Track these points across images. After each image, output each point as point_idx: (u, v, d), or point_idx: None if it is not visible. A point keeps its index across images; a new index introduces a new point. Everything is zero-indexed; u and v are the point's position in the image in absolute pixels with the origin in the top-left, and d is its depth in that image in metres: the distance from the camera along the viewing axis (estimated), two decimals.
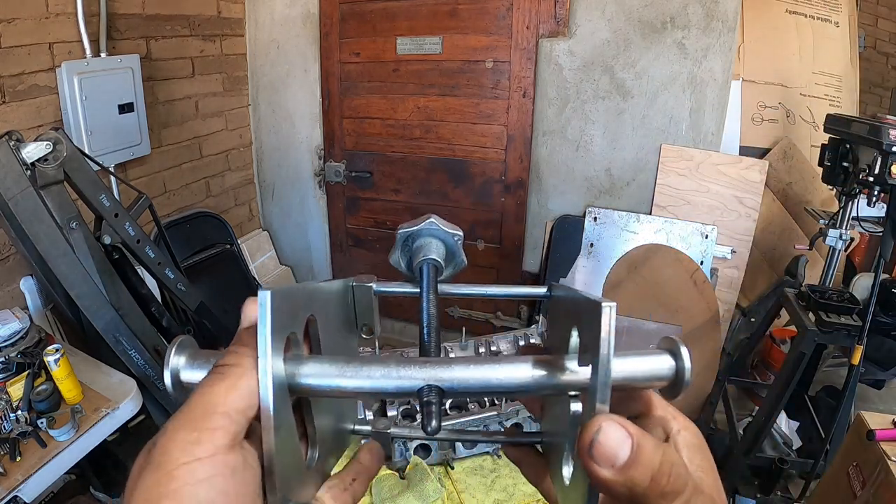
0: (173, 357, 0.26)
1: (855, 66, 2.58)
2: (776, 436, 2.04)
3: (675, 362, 0.26)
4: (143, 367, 1.52)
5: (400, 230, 0.39)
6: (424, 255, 0.37)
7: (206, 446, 0.21)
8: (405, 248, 0.39)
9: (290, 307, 0.25)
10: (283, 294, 0.24)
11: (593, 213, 2.32)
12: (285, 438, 0.24)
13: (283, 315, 0.24)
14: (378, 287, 0.38)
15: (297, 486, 0.27)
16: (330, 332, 0.32)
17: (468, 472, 1.17)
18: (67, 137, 1.36)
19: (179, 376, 0.26)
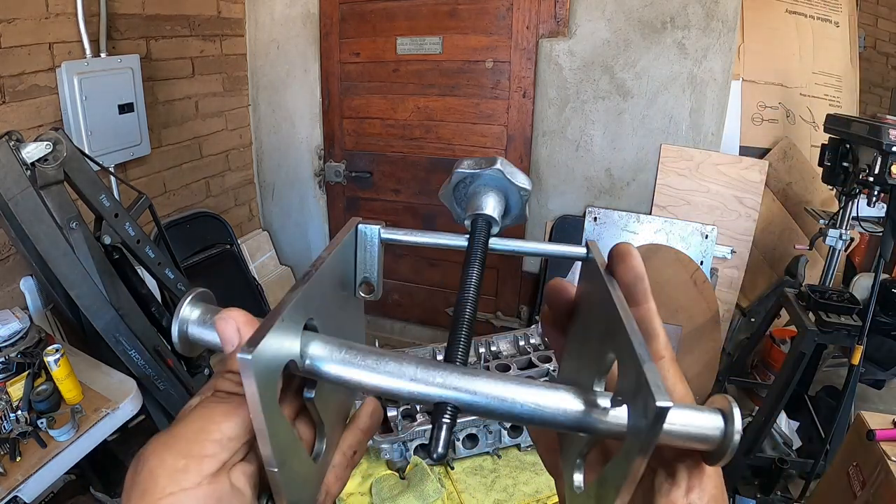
0: (185, 308, 0.25)
1: (855, 66, 2.58)
2: (776, 436, 2.04)
3: (726, 426, 0.22)
4: (143, 367, 1.52)
5: (458, 169, 0.32)
6: (478, 208, 0.31)
7: (193, 476, 0.21)
8: (460, 188, 0.32)
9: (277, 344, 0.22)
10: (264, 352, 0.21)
11: (593, 213, 2.32)
12: (286, 453, 0.23)
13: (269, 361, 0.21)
14: (386, 233, 0.32)
15: (305, 488, 0.26)
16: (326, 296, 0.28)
17: (468, 472, 1.17)
18: (67, 137, 1.36)
19: (187, 331, 0.25)
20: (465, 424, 1.15)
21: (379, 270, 0.33)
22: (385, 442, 1.09)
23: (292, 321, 0.24)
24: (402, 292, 2.87)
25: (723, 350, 2.24)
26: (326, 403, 0.28)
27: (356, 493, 1.11)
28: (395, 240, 0.32)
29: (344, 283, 0.32)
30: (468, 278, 0.29)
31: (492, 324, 2.68)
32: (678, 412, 0.22)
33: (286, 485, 0.23)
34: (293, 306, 0.23)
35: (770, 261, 2.48)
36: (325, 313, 0.28)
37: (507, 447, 1.22)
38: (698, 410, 0.23)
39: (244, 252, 2.67)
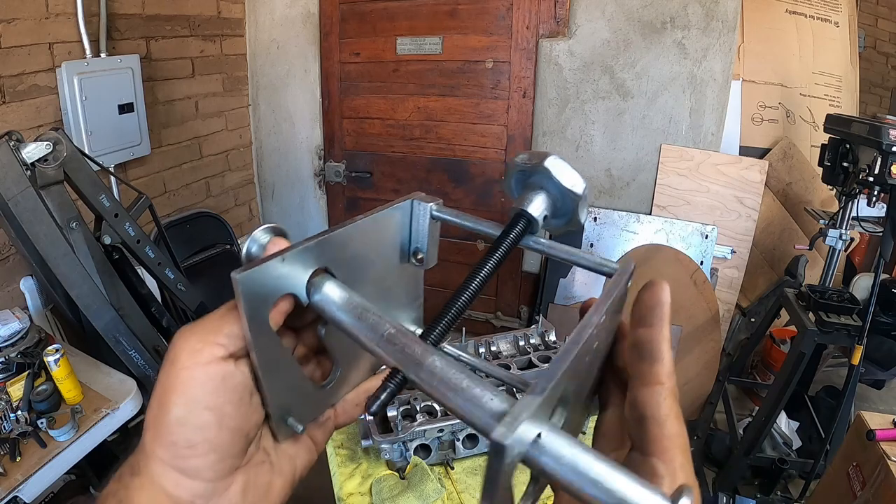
0: (259, 232, 0.30)
1: (855, 66, 2.58)
2: (776, 436, 2.04)
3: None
4: (143, 367, 1.52)
5: (515, 158, 0.32)
6: (523, 204, 0.31)
7: (206, 356, 0.27)
8: (519, 179, 0.32)
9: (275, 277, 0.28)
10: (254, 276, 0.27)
11: (593, 213, 2.32)
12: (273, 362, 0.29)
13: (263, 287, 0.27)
14: (437, 211, 0.34)
15: (297, 400, 0.32)
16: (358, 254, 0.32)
17: (468, 472, 1.17)
18: (67, 137, 1.36)
19: (252, 251, 0.30)
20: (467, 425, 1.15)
21: (429, 243, 0.35)
22: (385, 442, 1.09)
23: (297, 262, 0.29)
24: None
25: (723, 350, 2.24)
26: (346, 346, 0.32)
27: (356, 493, 1.11)
28: (443, 218, 0.35)
29: (393, 250, 0.35)
30: (479, 268, 0.30)
31: (492, 324, 2.68)
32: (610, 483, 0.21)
33: (269, 387, 0.29)
34: (299, 252, 0.29)
35: (770, 261, 2.48)
36: (355, 268, 0.32)
37: None
38: (644, 487, 0.20)
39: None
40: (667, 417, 0.25)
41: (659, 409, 0.25)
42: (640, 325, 0.28)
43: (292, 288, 0.29)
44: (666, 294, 0.28)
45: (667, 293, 0.28)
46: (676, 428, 0.25)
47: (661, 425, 0.25)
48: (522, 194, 0.31)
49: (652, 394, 0.26)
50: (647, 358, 0.27)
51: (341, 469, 1.16)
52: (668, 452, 0.25)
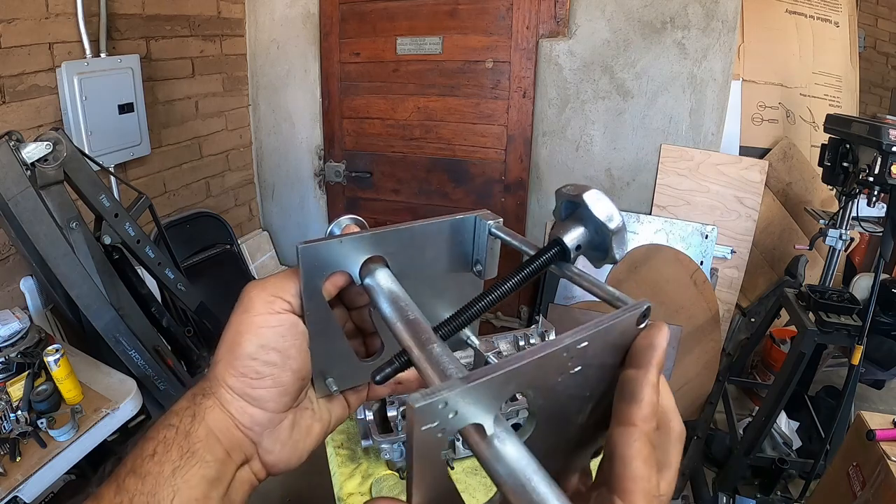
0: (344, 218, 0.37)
1: (855, 66, 2.58)
2: (776, 436, 2.04)
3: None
4: (143, 367, 1.52)
5: (562, 189, 0.34)
6: (560, 232, 0.33)
7: (276, 306, 0.33)
8: (567, 207, 0.34)
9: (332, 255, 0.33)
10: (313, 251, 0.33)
11: None
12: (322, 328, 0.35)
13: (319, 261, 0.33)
14: (495, 229, 0.38)
15: (343, 370, 0.37)
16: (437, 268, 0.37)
17: (468, 472, 1.17)
18: (67, 137, 1.36)
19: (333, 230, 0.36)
20: None
21: (488, 256, 0.39)
22: (385, 442, 1.09)
23: (352, 246, 0.34)
24: None
25: (723, 350, 2.24)
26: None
27: (356, 493, 1.11)
28: (499, 236, 0.38)
29: (453, 257, 0.39)
30: (504, 282, 0.33)
31: (492, 324, 2.68)
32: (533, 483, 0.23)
33: (313, 346, 0.35)
34: (355, 238, 0.34)
35: (770, 261, 2.48)
36: (412, 265, 0.36)
37: None
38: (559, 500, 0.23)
39: (244, 252, 2.67)
40: (633, 459, 0.25)
41: (628, 448, 0.25)
42: (629, 365, 0.28)
43: (346, 267, 0.34)
44: (661, 338, 0.28)
45: (662, 337, 0.28)
46: (643, 471, 0.25)
47: (626, 465, 0.25)
48: (565, 223, 0.33)
49: (623, 433, 0.26)
50: (627, 397, 0.27)
51: (341, 469, 1.16)
52: (630, 494, 0.25)
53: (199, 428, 0.33)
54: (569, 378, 0.27)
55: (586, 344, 0.26)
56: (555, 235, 0.33)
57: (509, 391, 0.24)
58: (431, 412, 0.22)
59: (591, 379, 0.28)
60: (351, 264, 0.34)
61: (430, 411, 0.22)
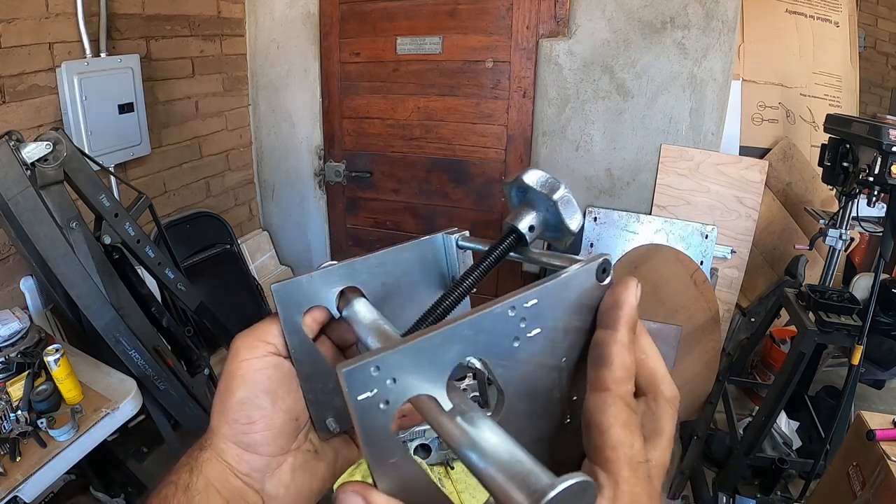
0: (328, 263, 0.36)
1: (855, 66, 2.58)
2: (776, 436, 2.04)
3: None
4: (143, 367, 1.52)
5: (504, 182, 0.37)
6: (512, 218, 0.32)
7: (260, 351, 0.34)
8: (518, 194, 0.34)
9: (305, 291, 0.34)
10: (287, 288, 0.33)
11: (593, 213, 2.32)
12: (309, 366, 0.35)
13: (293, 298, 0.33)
14: (462, 241, 0.38)
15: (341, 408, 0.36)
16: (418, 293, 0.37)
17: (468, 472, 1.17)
18: (67, 137, 1.36)
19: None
20: None
21: (461, 269, 0.38)
22: None
23: (324, 280, 0.34)
24: None
25: (723, 350, 2.24)
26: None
27: None
28: (468, 247, 0.38)
29: (430, 279, 0.39)
30: (464, 277, 0.32)
31: None
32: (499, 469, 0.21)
33: (304, 385, 0.35)
34: (323, 272, 0.34)
35: (770, 261, 2.48)
36: (390, 292, 0.36)
37: None
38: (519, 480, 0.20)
39: (244, 252, 2.67)
40: (610, 426, 0.24)
41: (602, 415, 0.24)
42: (598, 325, 0.27)
43: (322, 301, 0.34)
44: (628, 294, 0.27)
45: (629, 293, 0.27)
46: (622, 437, 0.24)
47: (604, 433, 0.24)
48: (515, 210, 0.33)
49: (597, 400, 0.25)
50: (597, 361, 0.26)
51: None
52: (611, 463, 0.23)
53: (198, 481, 0.33)
54: (529, 343, 0.25)
55: (535, 301, 0.25)
56: (508, 223, 0.32)
57: (452, 356, 0.23)
58: (364, 379, 0.21)
59: (561, 345, 0.27)
60: (326, 298, 0.34)
61: (362, 378, 0.21)
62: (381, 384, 0.22)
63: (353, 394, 0.21)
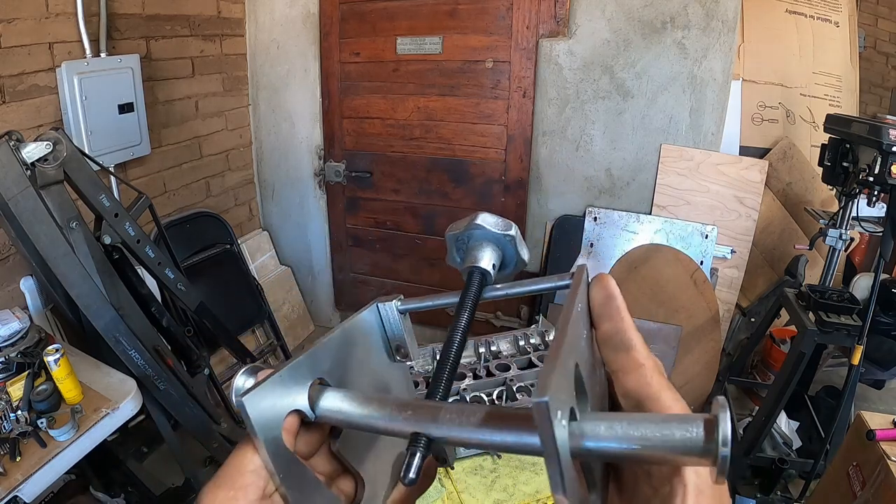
0: (242, 377, 0.29)
1: (855, 66, 2.58)
2: (776, 436, 2.04)
3: (706, 434, 0.20)
4: (143, 367, 1.52)
5: (448, 233, 0.36)
6: (472, 261, 0.34)
7: (241, 503, 0.26)
8: (458, 247, 0.36)
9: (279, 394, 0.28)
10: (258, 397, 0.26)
11: (593, 213, 2.32)
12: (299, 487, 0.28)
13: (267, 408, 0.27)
14: (403, 305, 0.36)
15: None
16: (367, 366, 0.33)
17: (468, 472, 1.17)
18: (67, 137, 1.36)
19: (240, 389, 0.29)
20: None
21: (409, 337, 0.37)
22: None
23: (293, 377, 0.28)
24: (401, 292, 2.85)
25: (723, 350, 2.24)
26: (366, 455, 0.32)
27: None
28: (410, 309, 0.36)
29: (377, 352, 0.36)
30: (457, 324, 0.32)
31: (492, 324, 2.68)
32: (652, 426, 0.21)
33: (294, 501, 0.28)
34: (292, 366, 0.28)
35: (770, 261, 2.48)
36: (348, 375, 0.32)
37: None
38: (677, 421, 0.21)
39: (244, 252, 2.67)
40: (659, 392, 0.25)
41: (650, 387, 0.26)
42: (601, 321, 0.28)
43: (297, 404, 0.29)
44: (612, 285, 0.28)
45: (613, 284, 0.28)
46: (671, 399, 0.25)
47: (658, 401, 0.25)
48: (468, 256, 0.34)
49: (638, 377, 0.26)
50: (621, 348, 0.27)
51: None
52: None
53: None
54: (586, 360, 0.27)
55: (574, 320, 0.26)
56: (468, 266, 0.34)
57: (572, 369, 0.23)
58: (557, 400, 0.20)
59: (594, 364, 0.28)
60: (298, 399, 0.29)
61: (556, 399, 0.20)
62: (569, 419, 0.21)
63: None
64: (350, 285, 2.98)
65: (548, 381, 0.20)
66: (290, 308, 2.93)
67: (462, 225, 0.35)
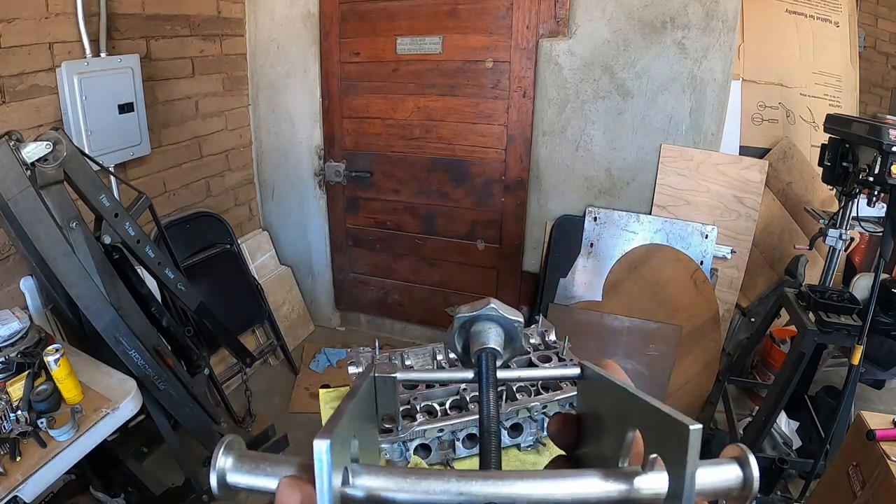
0: (220, 458, 0.26)
1: (855, 66, 2.58)
2: (776, 436, 2.04)
3: (744, 473, 0.25)
4: (143, 367, 1.52)
5: (459, 315, 0.37)
6: (483, 343, 0.35)
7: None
8: (462, 331, 0.38)
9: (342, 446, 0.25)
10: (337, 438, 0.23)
11: (593, 213, 2.32)
12: None
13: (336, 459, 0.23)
14: (402, 376, 0.36)
15: None
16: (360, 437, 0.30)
17: None
18: (67, 137, 1.36)
19: (226, 478, 0.26)
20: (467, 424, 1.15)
21: (397, 407, 0.37)
22: (385, 442, 1.09)
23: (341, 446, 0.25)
24: (402, 292, 2.87)
25: (723, 350, 2.24)
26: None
27: None
28: (409, 380, 0.36)
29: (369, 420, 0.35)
30: (488, 400, 0.33)
31: None
32: (701, 471, 0.24)
33: None
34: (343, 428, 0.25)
35: (770, 261, 2.48)
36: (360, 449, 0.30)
37: (507, 447, 1.22)
38: (718, 465, 0.25)
39: (244, 252, 2.67)
40: None
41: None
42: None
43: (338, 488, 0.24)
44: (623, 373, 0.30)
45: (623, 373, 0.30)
46: None
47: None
48: (475, 339, 0.36)
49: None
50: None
51: None
52: None
53: None
54: None
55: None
56: (478, 347, 0.35)
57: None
58: None
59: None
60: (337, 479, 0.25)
61: None
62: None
63: None
64: (350, 285, 2.98)
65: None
66: (290, 308, 2.93)
67: (475, 307, 0.36)
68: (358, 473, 0.26)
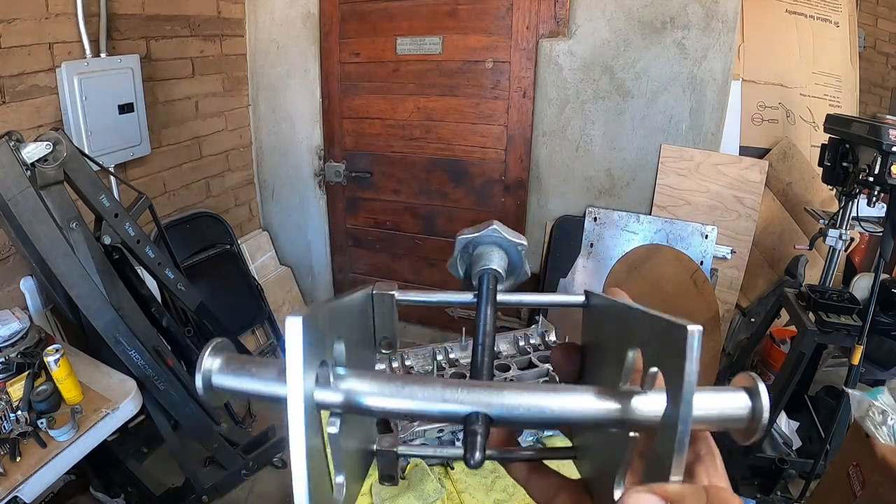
0: (207, 359, 0.25)
1: (855, 66, 2.58)
2: (776, 436, 2.04)
3: (753, 403, 0.23)
4: (143, 367, 1.52)
5: (460, 236, 0.36)
6: (485, 265, 0.35)
7: None
8: (464, 254, 0.37)
9: (319, 334, 0.23)
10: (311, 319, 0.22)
11: (593, 214, 2.33)
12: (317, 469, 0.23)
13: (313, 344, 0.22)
14: (400, 296, 0.34)
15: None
16: (351, 350, 0.28)
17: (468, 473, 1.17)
18: (67, 138, 1.36)
19: (211, 380, 0.25)
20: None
21: (395, 329, 0.35)
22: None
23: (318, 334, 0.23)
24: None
25: (723, 350, 2.24)
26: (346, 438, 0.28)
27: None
28: (408, 301, 0.35)
29: (364, 339, 0.34)
30: (485, 316, 0.32)
31: None
32: (705, 396, 0.23)
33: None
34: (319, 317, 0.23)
35: (770, 261, 2.48)
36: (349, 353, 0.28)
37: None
38: (724, 391, 0.23)
39: (244, 252, 2.67)
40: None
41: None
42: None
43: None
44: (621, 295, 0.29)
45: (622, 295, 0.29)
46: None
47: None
48: (477, 262, 0.35)
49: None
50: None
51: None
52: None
53: None
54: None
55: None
56: (481, 269, 0.34)
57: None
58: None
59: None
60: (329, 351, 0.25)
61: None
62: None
63: None
64: (350, 285, 2.98)
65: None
66: (290, 308, 2.93)
67: (478, 229, 0.35)
68: (341, 377, 0.25)
